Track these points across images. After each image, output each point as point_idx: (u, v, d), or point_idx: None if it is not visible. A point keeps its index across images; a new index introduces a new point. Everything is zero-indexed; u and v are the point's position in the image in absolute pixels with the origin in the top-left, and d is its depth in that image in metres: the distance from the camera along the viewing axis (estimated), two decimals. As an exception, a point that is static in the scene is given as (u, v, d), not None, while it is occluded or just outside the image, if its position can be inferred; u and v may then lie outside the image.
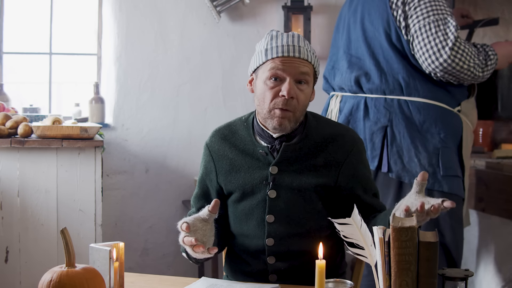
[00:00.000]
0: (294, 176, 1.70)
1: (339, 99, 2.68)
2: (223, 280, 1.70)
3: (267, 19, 3.64)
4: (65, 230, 1.37)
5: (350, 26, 2.66)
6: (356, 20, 2.62)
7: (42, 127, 2.71)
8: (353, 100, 2.60)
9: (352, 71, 2.59)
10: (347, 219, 1.33)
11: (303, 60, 1.67)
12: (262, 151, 1.73)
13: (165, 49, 3.59)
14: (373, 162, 2.48)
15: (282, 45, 1.68)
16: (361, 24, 2.58)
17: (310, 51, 1.70)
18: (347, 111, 2.61)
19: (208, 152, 1.82)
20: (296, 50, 1.67)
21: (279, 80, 1.67)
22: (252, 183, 1.72)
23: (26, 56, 3.64)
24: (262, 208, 1.71)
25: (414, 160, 2.43)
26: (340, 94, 2.69)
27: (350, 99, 2.62)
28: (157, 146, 3.60)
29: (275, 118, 1.68)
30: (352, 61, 2.61)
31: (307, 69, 1.68)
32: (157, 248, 3.63)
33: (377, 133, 2.49)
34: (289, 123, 1.68)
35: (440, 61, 2.36)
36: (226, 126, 1.84)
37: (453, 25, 2.38)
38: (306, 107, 1.73)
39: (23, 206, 2.73)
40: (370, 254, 1.32)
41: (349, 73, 2.60)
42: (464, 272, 1.30)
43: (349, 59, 2.62)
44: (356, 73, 2.57)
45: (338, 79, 2.68)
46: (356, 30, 2.61)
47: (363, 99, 2.56)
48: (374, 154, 2.49)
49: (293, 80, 1.67)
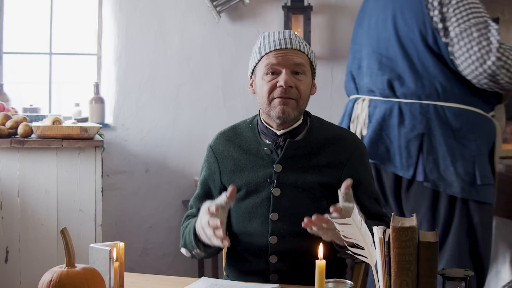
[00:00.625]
0: (298, 175, 1.71)
1: (367, 103, 2.49)
2: (223, 280, 1.70)
3: (267, 19, 3.64)
4: (65, 230, 1.37)
5: (378, 23, 2.48)
6: (386, 17, 2.44)
7: (42, 127, 2.71)
8: (385, 105, 2.43)
9: (384, 73, 2.42)
10: (347, 219, 1.33)
11: (297, 50, 1.70)
12: (266, 148, 1.74)
13: (165, 49, 3.59)
14: (409, 170, 2.34)
15: (274, 40, 1.72)
16: (393, 23, 2.41)
17: (303, 43, 1.73)
18: (379, 117, 2.42)
19: (212, 154, 1.83)
20: (288, 42, 1.70)
21: (275, 74, 1.71)
22: (256, 181, 1.73)
23: (26, 56, 3.64)
24: (266, 206, 1.72)
25: (450, 169, 2.30)
26: (368, 97, 2.50)
27: (381, 104, 2.44)
28: (157, 146, 3.60)
29: (276, 107, 1.70)
30: (383, 62, 2.44)
31: (302, 60, 1.71)
32: (157, 248, 3.63)
33: (413, 140, 2.34)
34: (293, 111, 1.70)
35: (484, 67, 2.22)
36: (231, 129, 1.86)
37: (494, 28, 2.24)
38: (308, 97, 1.76)
39: (23, 206, 2.73)
40: (370, 254, 1.32)
41: (381, 75, 2.43)
42: (464, 272, 1.30)
43: (380, 59, 2.45)
44: (389, 76, 2.40)
45: (367, 81, 2.50)
46: (387, 28, 2.43)
47: (397, 104, 2.40)
48: (410, 163, 2.34)
49: (290, 71, 1.70)
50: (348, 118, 2.58)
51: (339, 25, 3.67)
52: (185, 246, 1.76)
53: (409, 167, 2.34)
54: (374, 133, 2.42)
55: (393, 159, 2.38)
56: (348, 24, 3.65)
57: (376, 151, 2.41)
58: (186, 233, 1.75)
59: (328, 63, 3.68)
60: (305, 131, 1.76)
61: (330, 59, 3.68)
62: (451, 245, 2.30)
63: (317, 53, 3.65)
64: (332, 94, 3.71)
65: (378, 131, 2.42)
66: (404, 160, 2.35)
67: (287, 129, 1.74)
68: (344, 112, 2.65)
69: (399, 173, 2.36)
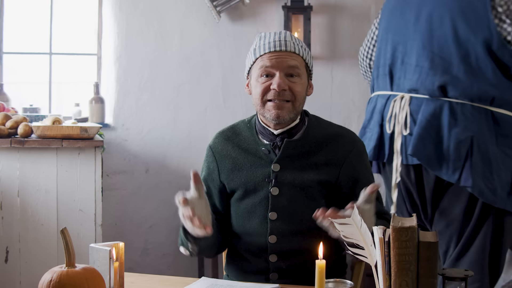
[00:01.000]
0: (296, 174, 1.71)
1: (407, 101, 2.32)
2: (223, 280, 1.70)
3: (267, 19, 3.64)
4: (65, 230, 1.37)
5: (433, 19, 2.30)
6: (443, 15, 2.28)
7: (42, 127, 2.71)
8: (433, 104, 2.27)
9: (436, 73, 2.26)
10: (347, 219, 1.33)
11: (291, 53, 1.70)
12: (264, 148, 1.74)
13: (165, 49, 3.59)
14: (454, 174, 2.21)
15: (269, 41, 1.71)
16: (452, 22, 2.25)
17: (298, 45, 1.72)
18: (428, 115, 2.26)
19: (211, 153, 1.83)
20: (283, 44, 1.70)
21: (270, 76, 1.71)
22: (254, 180, 1.74)
23: (26, 56, 3.64)
24: (264, 205, 1.72)
25: (494, 176, 2.20)
26: (408, 95, 2.34)
27: (428, 102, 2.28)
28: (157, 146, 3.60)
29: (271, 110, 1.70)
30: (436, 61, 2.27)
31: (296, 62, 1.70)
32: (157, 248, 3.63)
33: (464, 142, 2.21)
34: (288, 114, 1.70)
35: None
36: (230, 128, 1.86)
37: None
38: (304, 99, 1.75)
39: (23, 206, 2.73)
40: (370, 254, 1.32)
41: (432, 75, 2.27)
42: (464, 272, 1.30)
43: (432, 57, 2.28)
44: (442, 78, 2.25)
45: (414, 78, 2.32)
46: (444, 27, 2.27)
47: (447, 103, 2.25)
48: (457, 166, 2.21)
49: (284, 74, 1.69)
50: (380, 116, 2.42)
51: (339, 25, 3.67)
52: (182, 244, 1.76)
53: (455, 171, 2.22)
54: (422, 131, 2.26)
55: (440, 161, 2.25)
56: (348, 24, 3.65)
57: (423, 152, 2.25)
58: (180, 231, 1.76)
59: (328, 63, 3.68)
60: (303, 130, 1.77)
61: (330, 59, 3.68)
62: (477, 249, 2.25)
63: (317, 53, 3.65)
64: (332, 94, 3.71)
65: (426, 130, 2.26)
66: (451, 163, 2.22)
67: (284, 128, 1.74)
68: (373, 110, 2.48)
69: (443, 176, 2.23)
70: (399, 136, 2.33)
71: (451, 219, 2.29)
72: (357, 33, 3.67)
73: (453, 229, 2.29)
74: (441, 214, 2.31)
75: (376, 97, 2.49)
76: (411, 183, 2.34)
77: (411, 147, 2.25)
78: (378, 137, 2.41)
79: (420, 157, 2.25)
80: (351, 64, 3.66)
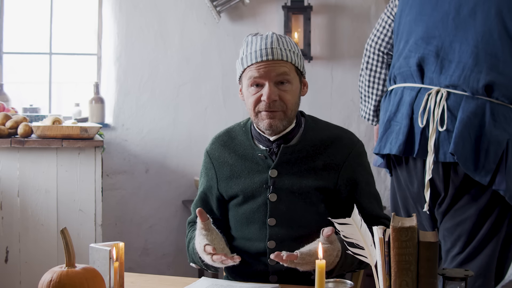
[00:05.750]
0: (294, 179, 1.70)
1: (444, 96, 2.20)
2: (223, 280, 1.70)
3: (267, 19, 3.64)
4: (65, 230, 1.37)
5: (477, 13, 2.19)
6: (488, 8, 2.17)
7: (42, 127, 2.71)
8: (474, 102, 2.17)
9: (481, 70, 2.15)
10: (347, 219, 1.33)
11: (279, 60, 1.66)
12: (261, 154, 1.73)
13: (165, 49, 3.59)
14: (486, 176, 2.14)
15: (255, 50, 1.67)
16: (498, 17, 2.15)
17: (286, 49, 1.68)
18: (470, 113, 2.16)
19: (209, 160, 1.82)
20: (269, 52, 1.65)
21: (260, 86, 1.68)
22: (252, 187, 1.73)
23: (26, 56, 3.64)
24: (263, 211, 1.71)
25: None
26: (446, 90, 2.22)
27: (468, 100, 2.18)
28: (157, 146, 3.60)
29: (264, 120, 1.69)
30: (480, 57, 2.16)
31: (285, 69, 1.67)
32: (157, 248, 3.63)
33: (502, 144, 2.14)
34: (281, 122, 1.68)
35: None
36: (226, 132, 1.84)
37: None
38: (297, 104, 1.72)
39: (23, 206, 2.73)
40: (370, 254, 1.32)
41: (477, 72, 2.16)
42: (464, 272, 1.30)
43: (477, 53, 2.17)
44: (488, 76, 2.15)
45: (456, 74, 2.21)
46: (490, 21, 2.16)
47: (488, 103, 2.16)
48: (490, 168, 2.14)
49: (273, 83, 1.66)
50: (410, 108, 2.29)
51: (339, 25, 3.67)
52: (193, 262, 1.77)
53: (487, 173, 2.14)
54: (464, 129, 2.17)
55: (475, 161, 2.17)
56: (348, 24, 3.65)
57: (462, 151, 2.17)
58: (191, 251, 1.75)
59: (328, 63, 3.68)
60: (300, 133, 1.75)
61: (330, 59, 3.68)
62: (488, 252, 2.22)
63: (317, 53, 3.66)
64: (332, 94, 3.71)
65: (467, 129, 2.17)
66: (486, 165, 2.15)
67: (280, 134, 1.73)
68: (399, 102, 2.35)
69: (475, 177, 2.16)
70: (434, 132, 2.22)
71: (464, 218, 2.24)
72: (357, 33, 3.67)
73: (463, 229, 2.24)
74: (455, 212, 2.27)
75: (402, 88, 2.36)
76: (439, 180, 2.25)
77: (452, 145, 2.16)
78: (407, 131, 2.28)
79: (459, 156, 2.16)
80: (351, 64, 3.66)
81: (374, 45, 2.56)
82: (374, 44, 2.56)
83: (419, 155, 2.25)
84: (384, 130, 2.36)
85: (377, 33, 2.56)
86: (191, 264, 1.79)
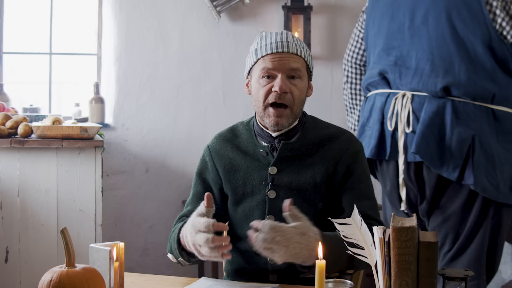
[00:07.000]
0: (293, 176, 1.71)
1: (409, 99, 2.31)
2: (223, 280, 1.70)
3: (267, 19, 3.64)
4: (65, 230, 1.37)
5: (429, 20, 2.30)
6: (439, 14, 2.28)
7: (42, 127, 2.71)
8: (436, 102, 2.27)
9: (438, 75, 2.26)
10: (347, 219, 1.33)
11: (293, 54, 1.69)
12: (262, 150, 1.73)
13: (165, 49, 3.59)
14: (454, 172, 2.23)
15: (271, 42, 1.69)
16: (448, 21, 2.25)
17: (300, 46, 1.71)
18: (431, 114, 2.26)
19: (208, 152, 1.83)
20: (285, 45, 1.68)
21: (271, 78, 1.69)
22: (252, 183, 1.73)
23: (26, 56, 3.64)
24: (262, 208, 1.72)
25: (497, 172, 2.21)
26: (410, 93, 2.32)
27: (431, 100, 2.28)
28: (157, 146, 3.61)
29: (270, 117, 1.70)
30: (436, 62, 2.27)
31: (298, 65, 1.69)
32: (157, 248, 3.63)
33: (466, 140, 2.22)
34: (287, 120, 1.70)
35: None
36: (229, 130, 1.86)
37: None
38: (303, 102, 1.74)
39: (23, 206, 2.73)
40: (370, 254, 1.32)
41: (434, 77, 2.27)
42: (464, 272, 1.30)
43: (432, 59, 2.28)
44: (445, 79, 2.24)
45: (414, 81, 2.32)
46: (441, 26, 2.27)
47: (449, 101, 2.25)
48: (457, 164, 2.22)
49: (285, 76, 1.68)
50: (380, 113, 2.41)
51: (339, 25, 3.67)
52: (171, 252, 1.76)
53: (455, 169, 2.23)
54: (426, 130, 2.27)
55: (441, 159, 2.26)
56: (348, 24, 3.65)
57: (426, 150, 2.27)
58: (172, 240, 1.74)
59: (328, 63, 3.68)
60: (300, 132, 1.76)
61: (330, 59, 3.68)
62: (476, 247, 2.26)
63: (317, 53, 3.66)
64: (332, 94, 3.71)
65: (429, 128, 2.27)
66: (452, 162, 2.24)
67: (282, 131, 1.74)
68: (371, 108, 2.47)
69: (443, 174, 2.25)
70: (403, 134, 2.33)
71: (448, 215, 2.30)
72: (357, 33, 3.67)
73: (449, 226, 2.30)
74: (439, 210, 2.32)
75: (374, 95, 2.48)
76: (411, 181, 2.34)
77: (414, 145, 2.25)
78: (379, 135, 2.39)
79: (423, 155, 2.26)
80: (351, 64, 3.66)
81: (350, 59, 2.71)
82: (350, 58, 2.70)
83: (391, 157, 2.37)
84: (358, 136, 2.49)
85: (352, 47, 2.70)
86: (168, 255, 1.77)
